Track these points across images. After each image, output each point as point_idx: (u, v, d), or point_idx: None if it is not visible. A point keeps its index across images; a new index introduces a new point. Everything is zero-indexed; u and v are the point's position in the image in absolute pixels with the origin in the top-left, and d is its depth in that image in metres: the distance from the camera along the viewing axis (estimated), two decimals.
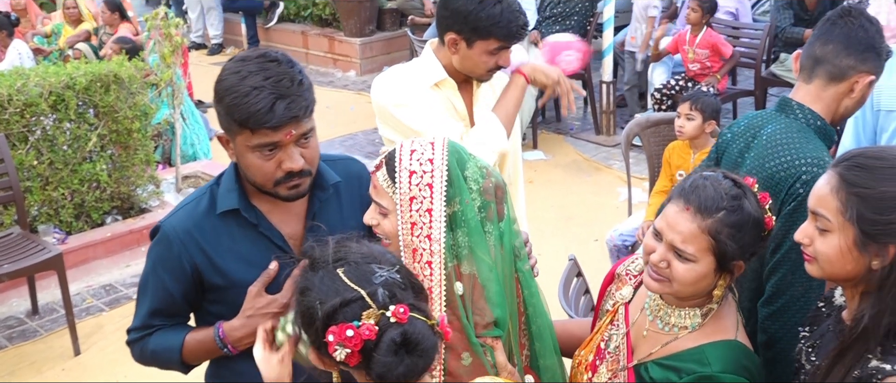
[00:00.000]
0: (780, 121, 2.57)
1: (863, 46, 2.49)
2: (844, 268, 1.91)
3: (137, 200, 6.21)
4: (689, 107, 4.86)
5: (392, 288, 1.58)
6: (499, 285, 2.02)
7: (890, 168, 1.86)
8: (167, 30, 6.09)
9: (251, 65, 2.07)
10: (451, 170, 2.01)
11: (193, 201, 2.29)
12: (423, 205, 2.00)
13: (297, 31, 11.36)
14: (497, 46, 2.89)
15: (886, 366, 1.81)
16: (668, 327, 2.15)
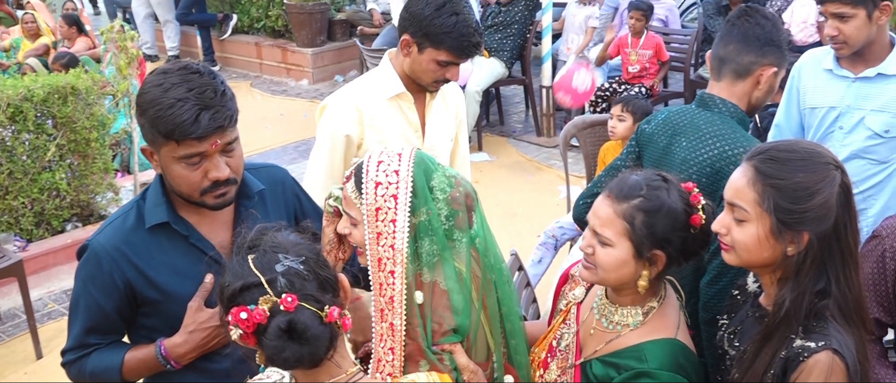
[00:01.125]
0: (704, 114, 2.61)
1: (761, 42, 2.55)
2: (761, 255, 1.94)
3: (97, 207, 6.11)
4: (621, 109, 4.91)
5: (292, 277, 1.58)
6: (462, 294, 2.00)
7: (801, 160, 1.90)
8: (123, 42, 5.99)
9: (173, 77, 2.02)
10: (415, 180, 1.99)
11: (120, 217, 2.21)
12: (388, 216, 1.98)
13: (251, 43, 11.25)
14: (446, 59, 2.82)
15: (811, 344, 1.85)
16: (611, 325, 2.15)
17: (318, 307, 1.57)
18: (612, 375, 2.07)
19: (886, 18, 3.07)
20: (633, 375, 2.03)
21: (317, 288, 1.60)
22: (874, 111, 3.13)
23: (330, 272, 1.67)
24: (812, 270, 1.88)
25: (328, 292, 1.62)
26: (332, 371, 1.67)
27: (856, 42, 3.08)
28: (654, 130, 2.77)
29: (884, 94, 3.12)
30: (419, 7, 2.79)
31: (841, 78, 3.22)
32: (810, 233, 1.87)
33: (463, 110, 3.26)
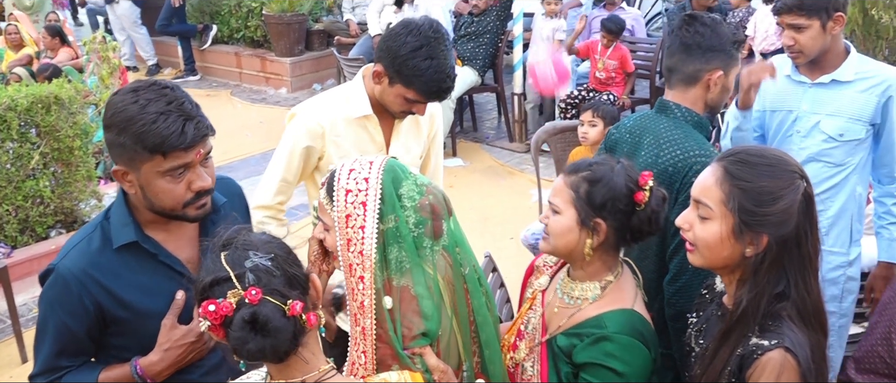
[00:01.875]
0: (663, 120, 2.65)
1: (703, 50, 2.59)
2: (722, 254, 1.96)
3: (80, 214, 6.06)
4: (592, 115, 4.95)
5: (259, 273, 1.60)
6: (431, 300, 1.99)
7: (769, 165, 1.93)
8: (105, 53, 5.98)
9: (147, 93, 1.98)
10: (384, 188, 1.98)
11: (84, 240, 2.13)
12: (357, 222, 1.97)
13: (231, 52, 11.22)
14: (414, 98, 2.74)
15: (764, 342, 1.87)
16: (572, 300, 2.22)
17: (281, 301, 1.59)
18: (575, 344, 2.14)
19: (840, 28, 3.11)
20: (594, 339, 2.10)
21: (284, 284, 1.62)
22: (829, 116, 3.17)
23: (299, 270, 1.68)
24: (770, 273, 1.90)
25: (296, 289, 1.64)
26: (304, 368, 1.69)
27: (811, 51, 3.13)
28: (619, 136, 2.81)
29: (838, 99, 3.16)
30: (397, 44, 2.68)
31: (798, 84, 3.25)
32: (769, 236, 1.89)
33: (438, 125, 3.20)
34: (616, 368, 2.06)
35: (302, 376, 1.69)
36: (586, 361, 2.10)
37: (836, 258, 3.25)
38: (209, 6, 11.33)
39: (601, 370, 2.08)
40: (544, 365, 2.21)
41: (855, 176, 3.22)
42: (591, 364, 2.10)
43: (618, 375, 2.06)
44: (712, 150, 2.52)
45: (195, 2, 11.30)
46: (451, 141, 7.99)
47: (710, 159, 2.39)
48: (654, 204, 2.15)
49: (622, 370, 2.06)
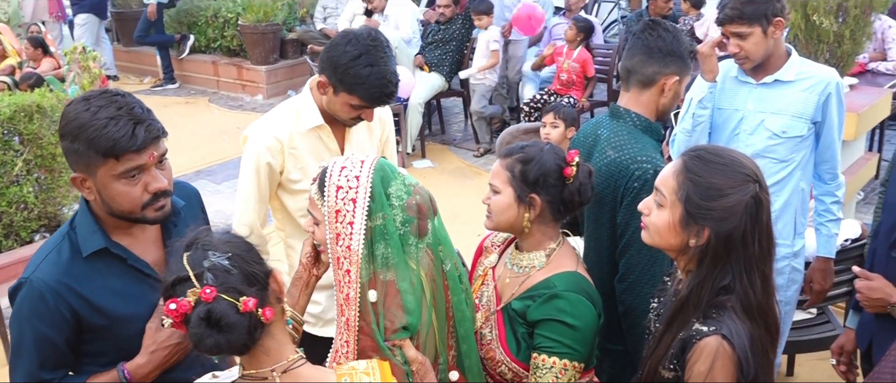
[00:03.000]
0: (613, 125, 2.67)
1: (662, 53, 2.61)
2: (669, 240, 2.00)
3: (64, 218, 5.97)
4: (553, 117, 4.98)
5: (217, 271, 1.62)
6: (414, 295, 2.00)
7: (723, 165, 1.95)
8: (86, 63, 5.90)
9: (98, 100, 1.97)
10: (374, 187, 1.98)
11: (53, 251, 2.09)
12: (346, 218, 1.97)
13: (208, 61, 11.13)
14: (358, 104, 2.70)
15: (704, 328, 1.90)
16: (521, 269, 2.34)
17: (235, 298, 1.60)
18: (528, 305, 2.25)
19: (780, 32, 3.16)
20: (546, 298, 2.22)
21: (241, 281, 1.63)
22: (773, 114, 3.21)
23: (258, 267, 1.69)
24: (714, 266, 1.92)
25: (253, 285, 1.65)
26: (272, 357, 1.70)
27: (756, 56, 3.17)
28: (579, 139, 2.85)
29: (781, 98, 3.21)
30: (337, 54, 2.64)
31: (744, 84, 3.30)
32: (711, 230, 1.91)
33: (389, 129, 3.16)
34: (567, 321, 2.18)
35: (271, 365, 1.70)
36: (540, 318, 2.21)
37: (781, 249, 3.28)
38: (186, 17, 11.24)
39: (555, 324, 2.19)
40: (502, 329, 2.31)
41: (798, 171, 3.27)
42: (545, 320, 2.21)
43: (570, 327, 2.18)
44: (656, 156, 2.53)
45: (173, 12, 11.20)
46: (420, 143, 8.00)
47: (651, 164, 2.45)
48: (581, 177, 2.31)
49: (573, 323, 2.18)
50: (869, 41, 5.73)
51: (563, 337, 2.18)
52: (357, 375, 1.76)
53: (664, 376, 1.97)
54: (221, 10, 10.97)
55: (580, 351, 2.20)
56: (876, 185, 6.45)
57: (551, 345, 2.19)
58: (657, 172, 2.37)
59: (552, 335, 2.19)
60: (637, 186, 2.45)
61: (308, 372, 1.74)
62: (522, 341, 2.26)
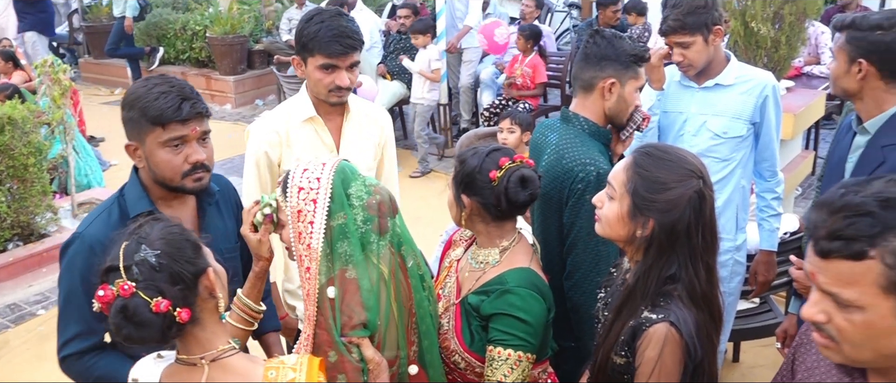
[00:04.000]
0: (563, 129, 2.68)
1: (597, 58, 2.62)
2: (618, 230, 2.02)
3: (37, 227, 5.88)
4: (510, 122, 4.97)
5: (143, 267, 1.63)
6: (373, 292, 1.99)
7: (669, 161, 1.97)
8: (56, 75, 5.80)
9: (155, 80, 2.18)
10: (334, 187, 1.98)
11: (104, 212, 2.25)
12: (308, 218, 1.97)
13: (178, 73, 10.97)
14: (323, 62, 2.75)
15: (653, 316, 1.91)
16: (478, 264, 2.36)
17: (151, 297, 1.61)
18: (483, 299, 2.27)
19: (719, 39, 3.20)
20: (499, 294, 2.23)
21: (165, 280, 1.64)
22: (714, 115, 3.25)
23: (187, 266, 1.69)
24: (659, 256, 1.94)
25: (177, 284, 1.66)
26: (205, 346, 1.73)
27: (698, 63, 3.21)
28: (534, 141, 2.86)
29: (721, 101, 3.24)
30: (297, 30, 2.82)
31: (687, 88, 3.34)
32: (655, 222, 1.93)
33: (388, 134, 3.18)
34: (519, 315, 2.20)
35: (202, 353, 1.73)
36: (493, 312, 2.23)
37: (724, 243, 3.32)
38: (155, 30, 11.10)
39: (507, 318, 2.21)
40: (458, 321, 2.33)
41: (739, 170, 3.30)
42: (498, 314, 2.22)
43: (521, 321, 2.20)
44: (599, 159, 2.52)
45: (142, 25, 11.05)
46: None
47: (594, 166, 2.47)
48: (508, 183, 2.26)
49: (524, 317, 2.20)
50: (803, 46, 5.81)
51: (515, 330, 2.20)
52: (284, 369, 1.75)
53: (616, 362, 1.98)
54: (190, 22, 10.86)
55: (532, 342, 2.22)
56: (813, 181, 6.56)
57: (505, 338, 2.20)
58: (600, 175, 2.41)
59: (505, 328, 2.20)
60: (581, 188, 2.47)
61: (236, 363, 1.75)
62: (476, 334, 2.28)
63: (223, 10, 10.88)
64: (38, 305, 5.33)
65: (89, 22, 12.04)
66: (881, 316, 1.33)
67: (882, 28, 2.46)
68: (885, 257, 1.30)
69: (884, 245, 1.30)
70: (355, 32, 2.78)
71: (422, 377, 2.15)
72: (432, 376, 2.18)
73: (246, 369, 1.74)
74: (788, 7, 5.28)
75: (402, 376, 2.10)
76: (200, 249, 1.76)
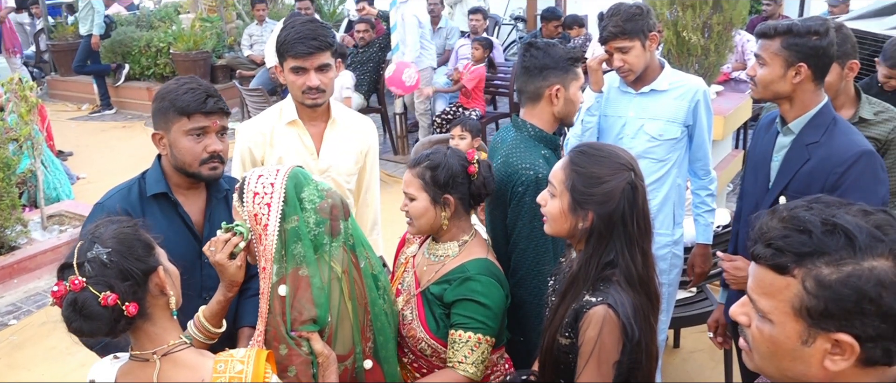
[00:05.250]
0: (514, 134, 2.69)
1: (538, 69, 2.64)
2: (562, 225, 2.04)
3: (7, 239, 5.71)
4: (461, 129, 5.00)
5: (94, 264, 1.64)
6: (324, 290, 1.98)
7: (602, 157, 2.01)
8: (22, 92, 5.65)
9: (185, 78, 2.35)
10: (287, 192, 1.97)
11: (125, 189, 2.39)
12: (263, 221, 1.96)
13: (143, 88, 10.80)
14: (292, 65, 2.79)
15: (593, 299, 1.94)
16: (437, 258, 2.39)
17: (100, 291, 1.61)
18: (445, 288, 2.30)
19: (655, 45, 3.24)
20: (461, 281, 2.27)
21: (115, 276, 1.64)
22: (650, 119, 3.27)
23: (138, 264, 1.68)
24: (599, 244, 1.97)
25: (127, 280, 1.65)
26: (156, 342, 1.72)
27: (637, 67, 3.24)
28: (493, 143, 2.86)
29: (657, 105, 3.27)
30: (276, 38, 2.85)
31: (625, 94, 3.36)
32: (594, 213, 1.97)
33: (371, 142, 3.17)
34: (480, 300, 2.25)
35: (153, 348, 1.72)
36: (455, 299, 2.26)
37: (662, 238, 3.36)
38: (120, 47, 10.89)
39: (468, 303, 2.25)
40: (421, 310, 2.35)
41: (675, 169, 3.34)
42: (460, 300, 2.26)
43: (482, 306, 2.24)
44: (539, 163, 2.54)
45: (107, 43, 10.82)
46: None
47: (534, 171, 2.50)
48: (483, 172, 2.39)
49: (485, 301, 2.25)
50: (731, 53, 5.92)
51: (476, 314, 2.24)
52: (232, 362, 1.74)
53: (561, 343, 2.01)
54: (154, 40, 10.69)
55: (491, 326, 2.26)
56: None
57: (466, 322, 2.24)
58: (539, 179, 2.44)
59: (466, 313, 2.24)
60: (521, 190, 2.49)
61: (186, 357, 1.74)
62: (440, 321, 2.31)
63: (186, 28, 10.74)
64: (10, 316, 5.17)
65: (55, 41, 11.76)
66: (787, 337, 1.21)
67: (818, 34, 2.50)
68: (805, 280, 1.17)
69: (809, 267, 1.17)
70: (322, 35, 2.78)
71: (376, 371, 2.15)
72: (387, 370, 2.18)
73: (196, 362, 1.74)
74: (716, 17, 5.37)
75: (357, 370, 2.10)
76: (152, 249, 1.76)
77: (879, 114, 3.28)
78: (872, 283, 1.13)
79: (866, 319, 1.14)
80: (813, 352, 1.20)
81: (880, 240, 1.15)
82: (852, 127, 2.65)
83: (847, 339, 1.16)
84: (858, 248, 1.15)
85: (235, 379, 1.71)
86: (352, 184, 3.07)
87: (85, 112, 11.06)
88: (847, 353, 1.17)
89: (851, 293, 1.14)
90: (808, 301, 1.17)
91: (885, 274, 1.13)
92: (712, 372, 4.30)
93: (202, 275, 2.42)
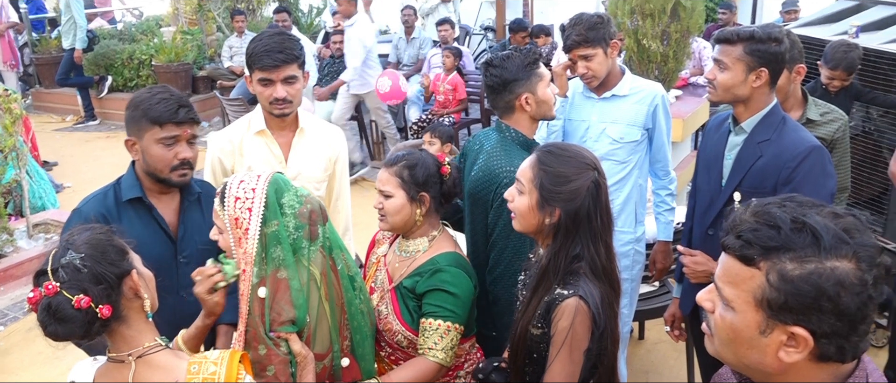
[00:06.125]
0: (496, 138, 2.71)
1: (501, 85, 2.65)
2: (531, 221, 2.06)
3: None
4: (430, 136, 5.02)
5: (68, 269, 1.64)
6: (303, 292, 1.98)
7: (568, 157, 2.04)
8: (7, 105, 5.56)
9: (157, 88, 2.37)
10: (268, 197, 1.96)
11: (101, 194, 2.42)
12: (244, 225, 1.95)
13: (126, 99, 10.56)
14: (260, 76, 2.78)
15: (564, 291, 1.97)
16: (408, 254, 2.42)
17: (72, 294, 1.61)
18: (417, 280, 2.34)
19: (616, 52, 3.27)
20: (432, 273, 2.32)
21: (88, 280, 1.63)
22: (612, 123, 3.31)
23: (110, 268, 1.68)
24: (566, 239, 2.00)
25: (101, 284, 1.65)
26: (131, 344, 1.72)
27: (600, 73, 3.26)
28: (469, 146, 2.87)
29: (618, 110, 3.31)
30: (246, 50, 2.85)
31: (589, 99, 3.39)
32: (561, 210, 2.00)
33: (338, 149, 3.14)
34: (450, 290, 2.29)
35: (128, 350, 1.72)
36: (427, 289, 2.30)
37: (625, 236, 3.40)
38: (103, 60, 10.73)
39: (439, 293, 2.30)
40: (396, 304, 2.38)
41: (636, 170, 3.37)
42: (431, 290, 2.29)
43: (452, 295, 2.29)
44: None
45: (90, 56, 10.68)
46: None
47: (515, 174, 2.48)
48: (454, 172, 2.47)
49: (454, 291, 2.30)
50: (689, 60, 6.00)
51: (445, 303, 2.28)
52: (206, 363, 1.73)
53: (533, 334, 2.04)
54: (136, 52, 10.57)
55: (460, 314, 2.30)
56: None
57: (436, 310, 2.28)
58: None
59: (437, 302, 2.28)
60: (502, 193, 2.49)
61: (161, 358, 1.73)
62: (414, 313, 2.35)
63: (167, 40, 10.63)
64: None
65: (39, 54, 11.59)
66: (746, 326, 1.22)
67: (778, 40, 2.54)
68: (769, 273, 1.18)
69: (774, 261, 1.17)
70: (289, 48, 2.76)
71: (354, 368, 2.15)
72: (364, 367, 2.19)
73: (171, 364, 1.73)
74: (674, 26, 5.44)
75: (335, 368, 2.10)
76: (126, 253, 1.75)
77: (825, 115, 3.35)
78: (832, 282, 1.14)
79: (823, 316, 1.15)
80: (769, 343, 1.21)
81: (845, 243, 1.15)
82: (800, 125, 2.70)
83: (802, 333, 1.17)
84: (823, 248, 1.15)
85: (209, 379, 1.70)
86: (322, 190, 3.05)
87: (69, 123, 10.91)
88: (801, 346, 1.19)
89: (811, 289, 1.15)
90: (770, 293, 1.18)
91: (845, 275, 1.14)
92: (676, 361, 4.35)
93: (178, 275, 2.41)
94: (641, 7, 5.42)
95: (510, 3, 11.69)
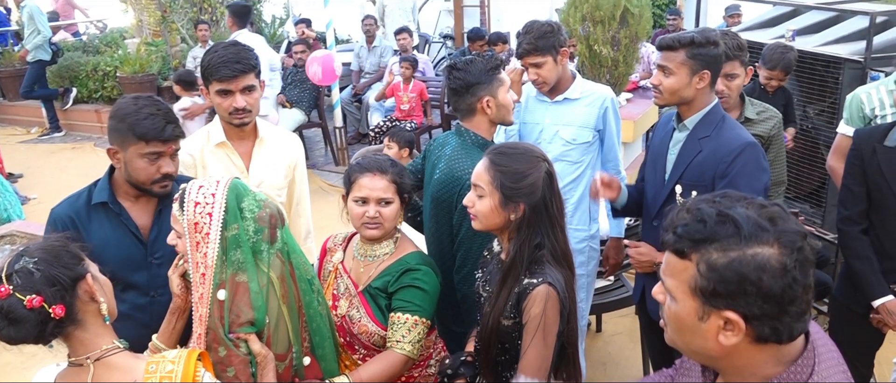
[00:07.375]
0: (457, 142, 2.72)
1: (464, 88, 2.67)
2: (495, 220, 2.10)
3: None
4: (389, 140, 5.04)
5: (20, 273, 1.63)
6: (261, 294, 1.97)
7: (519, 154, 2.09)
8: None
9: (144, 100, 2.30)
10: (228, 202, 1.95)
11: (74, 197, 2.41)
12: (204, 230, 1.93)
13: (92, 110, 10.45)
14: (218, 88, 2.71)
15: (534, 280, 2.01)
16: (374, 257, 2.43)
17: (24, 295, 1.60)
18: (388, 280, 2.37)
19: (566, 59, 3.32)
20: (403, 272, 2.36)
21: (42, 283, 1.62)
22: (565, 125, 3.35)
23: (64, 271, 1.67)
24: (529, 230, 2.05)
25: (54, 286, 1.64)
26: (89, 347, 1.71)
27: (550, 80, 3.31)
28: (431, 149, 2.88)
29: (570, 112, 3.35)
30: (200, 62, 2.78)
31: (542, 102, 3.43)
32: (524, 204, 2.04)
33: (296, 156, 3.10)
34: (421, 287, 2.34)
35: (86, 353, 1.70)
36: (400, 287, 2.33)
37: (580, 233, 3.44)
38: (67, 72, 10.51)
39: (412, 290, 2.34)
40: (367, 307, 2.39)
41: (589, 170, 3.41)
42: (404, 287, 2.32)
43: (421, 290, 2.34)
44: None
45: (54, 68, 10.45)
46: None
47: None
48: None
49: (424, 287, 2.35)
50: (638, 64, 6.10)
51: (415, 298, 2.32)
52: (164, 363, 1.73)
53: (505, 324, 2.07)
54: (100, 64, 10.37)
55: (427, 309, 2.34)
56: None
57: (405, 305, 2.32)
58: None
59: (408, 298, 2.33)
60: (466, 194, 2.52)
61: (119, 360, 1.72)
62: (386, 311, 2.37)
63: (132, 51, 10.45)
64: None
65: (3, 67, 11.31)
66: (686, 313, 1.27)
67: (716, 44, 2.62)
68: (700, 263, 1.22)
69: (702, 252, 1.22)
70: (245, 58, 2.71)
71: (314, 366, 2.15)
72: (325, 366, 2.18)
73: (129, 365, 1.72)
74: (624, 32, 5.53)
75: (297, 366, 2.09)
76: (81, 259, 1.73)
77: (761, 114, 3.44)
78: (753, 267, 1.18)
79: (749, 299, 1.20)
80: (709, 328, 1.26)
81: (765, 230, 1.20)
82: (738, 123, 2.77)
83: (735, 317, 1.22)
84: (743, 236, 1.19)
85: (166, 378, 1.69)
86: (283, 196, 3.03)
87: (34, 135, 10.66)
88: (736, 330, 1.23)
89: (734, 275, 1.19)
90: (701, 282, 1.23)
91: (766, 260, 1.18)
92: (632, 351, 4.41)
93: (149, 275, 2.39)
94: (592, 14, 5.49)
95: (468, 11, 11.75)
